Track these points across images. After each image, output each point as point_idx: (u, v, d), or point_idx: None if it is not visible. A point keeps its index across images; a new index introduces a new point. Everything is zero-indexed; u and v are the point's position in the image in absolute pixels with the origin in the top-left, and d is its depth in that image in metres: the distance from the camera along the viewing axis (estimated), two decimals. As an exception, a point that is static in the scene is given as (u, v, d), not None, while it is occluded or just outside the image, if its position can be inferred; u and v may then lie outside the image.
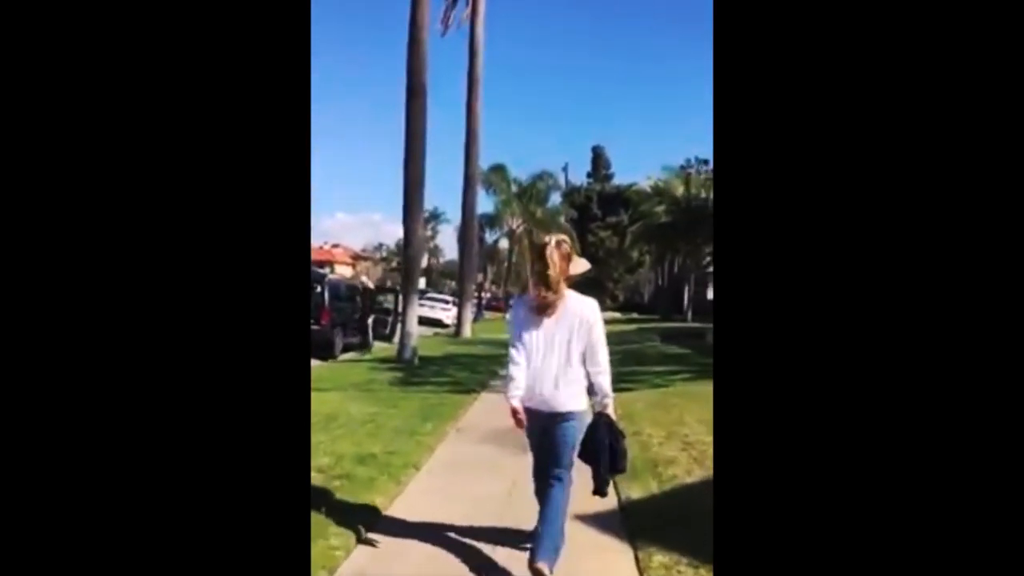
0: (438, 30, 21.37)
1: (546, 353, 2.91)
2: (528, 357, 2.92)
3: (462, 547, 3.25)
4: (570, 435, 2.94)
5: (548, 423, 2.96)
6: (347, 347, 13.66)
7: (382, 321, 15.84)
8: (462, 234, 22.41)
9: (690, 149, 79.01)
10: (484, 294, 40.54)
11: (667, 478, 4.47)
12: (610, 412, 2.95)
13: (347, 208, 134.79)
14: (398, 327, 13.61)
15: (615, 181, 54.72)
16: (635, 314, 42.83)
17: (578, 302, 2.94)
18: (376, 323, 15.43)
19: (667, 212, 34.91)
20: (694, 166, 35.38)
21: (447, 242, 67.66)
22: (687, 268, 36.70)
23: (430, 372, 10.64)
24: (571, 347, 2.90)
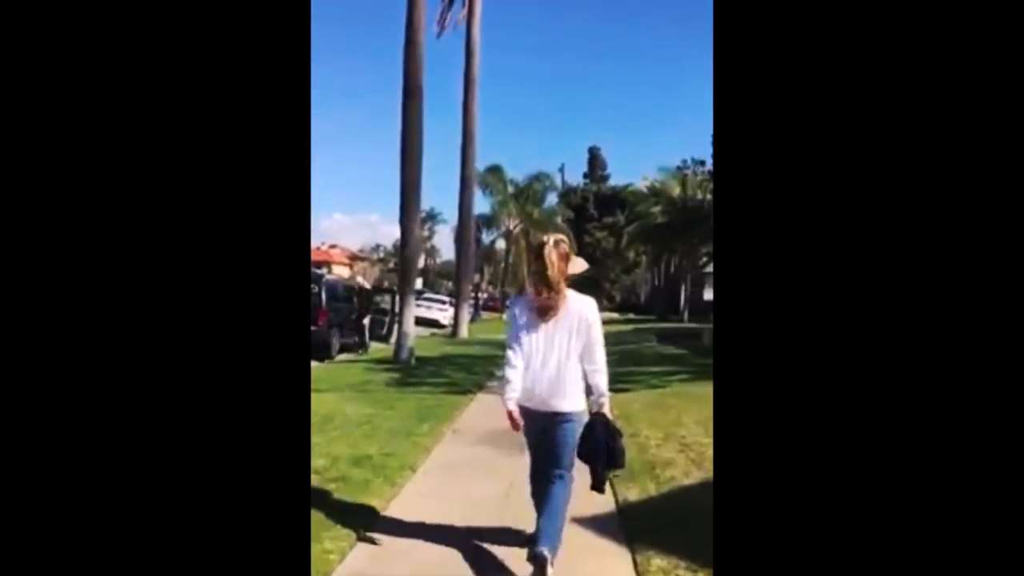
0: (434, 32, 21.42)
1: (546, 353, 2.89)
2: (527, 358, 2.90)
3: (459, 549, 3.22)
4: (570, 435, 2.92)
5: (548, 423, 2.94)
6: (344, 348, 13.64)
7: (379, 322, 15.84)
8: (459, 235, 22.44)
9: (686, 150, 79.37)
10: (481, 294, 40.50)
11: (665, 480, 4.45)
12: (607, 411, 2.93)
13: (344, 209, 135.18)
14: (395, 327, 13.61)
15: (611, 182, 55.04)
16: (632, 314, 42.98)
17: (578, 301, 2.93)
18: (373, 324, 15.42)
19: (663, 213, 35.01)
20: (690, 167, 35.35)
21: (444, 243, 67.80)
22: (683, 269, 36.77)
23: (427, 373, 10.62)
24: (571, 346, 2.89)
